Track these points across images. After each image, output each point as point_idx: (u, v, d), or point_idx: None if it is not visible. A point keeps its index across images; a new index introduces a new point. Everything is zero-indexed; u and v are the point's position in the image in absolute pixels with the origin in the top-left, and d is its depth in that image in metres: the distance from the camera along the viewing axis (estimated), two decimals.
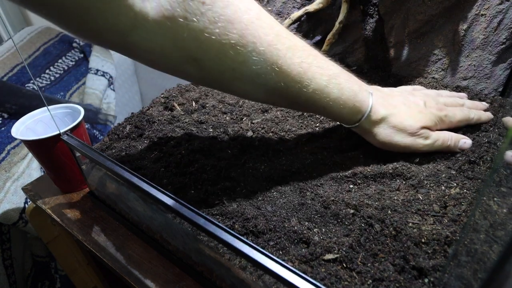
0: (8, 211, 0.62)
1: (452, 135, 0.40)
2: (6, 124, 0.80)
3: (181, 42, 0.29)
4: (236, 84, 0.34)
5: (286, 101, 0.37)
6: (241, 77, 0.33)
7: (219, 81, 0.34)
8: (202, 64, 0.31)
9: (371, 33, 0.58)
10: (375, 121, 0.38)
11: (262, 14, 0.32)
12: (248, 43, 0.31)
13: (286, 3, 0.66)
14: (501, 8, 0.46)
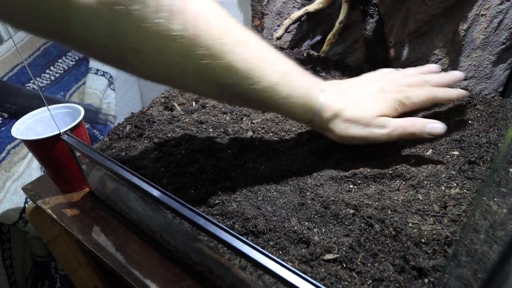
0: (8, 211, 0.62)
1: (416, 120, 0.37)
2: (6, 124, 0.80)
3: (121, 32, 0.28)
4: (182, 78, 0.33)
5: (236, 98, 0.36)
6: (185, 71, 0.32)
7: (163, 76, 0.33)
8: (143, 56, 0.30)
9: (371, 33, 0.58)
10: (329, 117, 0.37)
11: (210, 6, 0.31)
12: (191, 36, 0.29)
13: (286, 3, 0.66)
14: (501, 8, 0.46)
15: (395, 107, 0.38)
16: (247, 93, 0.34)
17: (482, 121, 0.44)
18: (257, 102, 0.36)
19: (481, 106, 0.48)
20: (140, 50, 0.30)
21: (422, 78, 0.42)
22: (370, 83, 0.41)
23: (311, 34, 0.66)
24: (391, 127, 0.37)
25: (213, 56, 0.31)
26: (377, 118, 0.37)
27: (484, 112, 0.46)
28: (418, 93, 0.39)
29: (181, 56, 0.30)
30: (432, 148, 0.41)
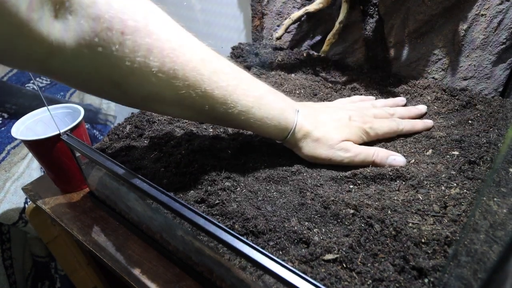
0: (8, 211, 0.62)
1: (379, 151, 0.40)
2: (6, 124, 0.80)
3: (101, 68, 0.30)
4: (163, 107, 0.35)
5: (215, 121, 0.39)
6: (166, 101, 0.34)
7: (144, 105, 0.35)
8: (124, 88, 0.32)
9: (371, 33, 0.58)
10: (300, 137, 0.40)
11: (185, 40, 0.33)
12: (169, 70, 0.31)
13: (286, 3, 0.66)
14: (501, 8, 0.46)
15: (360, 135, 0.42)
16: (224, 117, 0.36)
17: (482, 121, 0.44)
18: (234, 124, 0.39)
19: (481, 106, 0.48)
20: (121, 83, 0.31)
21: (388, 111, 0.46)
22: (340, 110, 0.44)
23: (311, 34, 0.66)
24: (354, 153, 0.40)
25: (190, 86, 0.33)
26: (342, 142, 0.40)
27: (484, 112, 0.46)
28: (383, 125, 0.44)
29: (160, 87, 0.32)
30: (432, 148, 0.41)
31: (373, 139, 0.43)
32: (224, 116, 0.36)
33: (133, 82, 0.31)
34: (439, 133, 0.43)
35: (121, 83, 0.31)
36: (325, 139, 0.40)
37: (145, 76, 0.31)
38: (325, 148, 0.40)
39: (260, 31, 0.73)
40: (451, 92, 0.51)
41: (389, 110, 0.47)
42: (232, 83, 0.35)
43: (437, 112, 0.49)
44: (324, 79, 0.60)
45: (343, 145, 0.40)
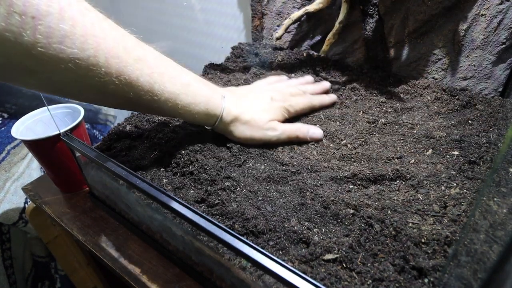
0: (8, 211, 0.62)
1: (300, 126, 0.45)
2: (6, 124, 0.80)
3: (13, 56, 0.28)
4: (84, 94, 0.34)
5: (141, 108, 0.39)
6: (86, 88, 0.33)
7: (63, 92, 0.34)
8: (41, 76, 0.31)
9: (371, 33, 0.58)
10: (229, 121, 0.42)
11: (106, 25, 0.32)
12: (89, 57, 0.31)
13: (286, 3, 0.66)
14: (501, 8, 0.46)
15: (282, 113, 0.46)
16: (150, 104, 0.37)
17: (482, 121, 0.44)
18: (161, 111, 0.39)
19: (481, 106, 0.48)
20: (36, 70, 0.30)
21: (301, 89, 0.51)
22: (262, 93, 0.47)
23: (311, 34, 0.66)
24: (280, 130, 0.44)
25: (113, 73, 0.32)
26: (269, 122, 0.44)
27: (484, 112, 0.46)
28: (299, 102, 0.48)
29: (78, 75, 0.31)
30: (432, 148, 0.41)
31: (292, 116, 0.48)
32: (151, 104, 0.36)
33: (49, 69, 0.30)
34: (439, 133, 0.43)
35: (36, 70, 0.30)
36: (254, 121, 0.43)
37: (63, 62, 0.30)
38: (255, 129, 0.43)
39: (260, 31, 0.73)
40: (451, 92, 0.51)
41: (302, 87, 0.52)
42: (158, 71, 0.36)
43: (437, 112, 0.49)
44: (324, 79, 0.60)
45: (271, 125, 0.44)
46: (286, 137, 0.44)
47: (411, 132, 0.45)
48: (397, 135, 0.44)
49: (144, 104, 0.36)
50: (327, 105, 0.52)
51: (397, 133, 0.45)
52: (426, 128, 0.45)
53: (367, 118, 0.48)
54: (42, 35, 0.28)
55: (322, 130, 0.46)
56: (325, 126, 0.47)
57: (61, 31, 0.29)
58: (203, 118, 0.41)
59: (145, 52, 0.35)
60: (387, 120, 0.47)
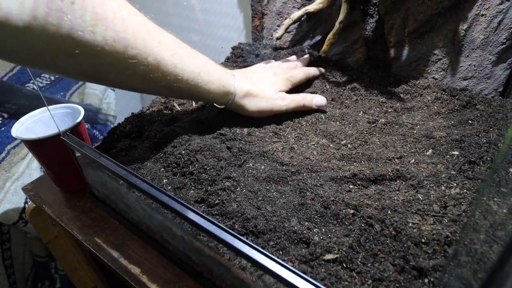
0: (8, 211, 0.62)
1: (306, 95, 0.50)
2: (6, 124, 0.80)
3: (54, 41, 0.30)
4: (116, 77, 0.37)
5: (163, 90, 0.41)
6: (119, 70, 0.35)
7: (98, 76, 0.36)
8: (79, 59, 0.33)
9: (371, 33, 0.58)
10: (242, 96, 0.45)
11: (132, 12, 0.35)
12: (123, 39, 0.33)
13: (286, 3, 0.66)
14: (501, 8, 0.46)
15: (286, 84, 0.51)
16: (172, 84, 0.39)
17: (482, 121, 0.44)
18: (181, 91, 0.41)
19: (481, 106, 0.48)
20: (75, 54, 0.32)
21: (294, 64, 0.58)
22: (264, 70, 0.53)
23: (311, 34, 0.66)
24: (289, 99, 0.48)
25: (143, 55, 0.35)
26: (278, 93, 0.48)
27: (484, 112, 0.46)
28: (298, 73, 0.54)
29: (112, 57, 0.34)
30: (432, 148, 0.41)
31: (294, 86, 0.53)
32: (173, 83, 0.39)
33: (86, 52, 0.32)
34: (439, 133, 0.43)
35: (75, 54, 0.32)
36: (264, 93, 0.47)
37: (99, 45, 0.32)
38: (266, 101, 0.47)
39: (260, 31, 0.73)
40: (451, 92, 0.51)
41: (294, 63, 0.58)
42: (178, 52, 0.39)
43: (437, 112, 0.49)
44: (324, 79, 0.60)
45: (280, 95, 0.48)
46: (294, 105, 0.48)
47: (411, 132, 0.45)
48: (397, 135, 0.44)
49: (169, 84, 0.39)
50: (318, 75, 0.59)
51: (397, 133, 0.45)
52: (426, 128, 0.45)
53: (367, 118, 0.48)
54: (81, 19, 0.30)
55: (322, 130, 0.46)
56: (325, 126, 0.47)
57: (96, 15, 0.31)
58: (219, 95, 0.44)
59: (164, 35, 0.38)
60: (387, 120, 0.47)
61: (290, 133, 0.46)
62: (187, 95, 0.43)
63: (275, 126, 0.47)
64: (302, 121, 0.48)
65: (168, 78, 0.38)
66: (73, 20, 0.30)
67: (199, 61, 0.41)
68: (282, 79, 0.50)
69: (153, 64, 0.36)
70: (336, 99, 0.54)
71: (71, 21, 0.30)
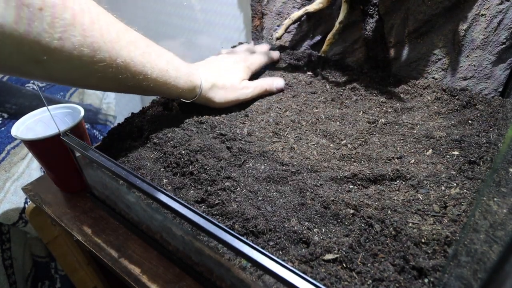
0: (8, 211, 0.62)
1: (265, 80, 0.54)
2: (6, 124, 0.80)
3: (20, 46, 0.30)
4: (85, 80, 0.37)
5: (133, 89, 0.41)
6: (89, 74, 0.35)
7: (67, 80, 0.36)
8: (47, 65, 0.32)
9: (371, 33, 0.58)
10: (209, 88, 0.47)
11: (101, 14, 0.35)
12: (91, 43, 0.33)
13: (286, 3, 0.66)
14: (501, 8, 0.46)
15: (247, 72, 0.53)
16: (142, 83, 0.40)
17: (482, 121, 0.44)
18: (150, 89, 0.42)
19: (481, 106, 0.48)
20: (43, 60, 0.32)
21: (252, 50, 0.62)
22: (224, 60, 0.54)
23: (311, 34, 0.66)
24: (252, 87, 0.52)
25: (112, 57, 0.35)
26: (241, 82, 0.51)
27: (484, 112, 0.46)
28: (256, 59, 0.57)
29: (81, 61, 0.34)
30: (432, 148, 0.41)
31: (253, 72, 0.56)
32: (143, 82, 0.40)
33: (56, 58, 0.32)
34: (439, 133, 0.43)
35: (43, 60, 0.31)
36: (230, 84, 0.49)
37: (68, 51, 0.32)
38: (233, 91, 0.49)
39: (260, 31, 0.73)
40: (451, 92, 0.51)
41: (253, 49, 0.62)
42: (147, 50, 0.39)
43: (437, 112, 0.49)
44: (324, 79, 0.60)
45: (244, 84, 0.51)
46: (258, 91, 0.52)
47: (411, 132, 0.45)
48: (397, 135, 0.44)
49: (138, 83, 0.39)
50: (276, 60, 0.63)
51: (397, 133, 0.45)
52: (426, 128, 0.45)
53: (367, 118, 0.48)
54: (49, 26, 0.30)
55: (322, 130, 0.46)
56: (325, 126, 0.47)
57: (65, 21, 0.31)
58: (187, 90, 0.45)
59: (132, 35, 0.38)
60: (387, 120, 0.47)
61: (290, 133, 0.46)
62: (156, 92, 0.43)
63: (275, 126, 0.47)
64: (302, 121, 0.48)
65: (137, 78, 0.39)
66: (40, 27, 0.29)
67: (166, 58, 0.42)
68: (243, 67, 0.53)
69: (122, 66, 0.36)
70: (336, 99, 0.54)
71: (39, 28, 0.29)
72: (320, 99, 0.54)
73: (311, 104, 0.52)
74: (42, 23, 0.29)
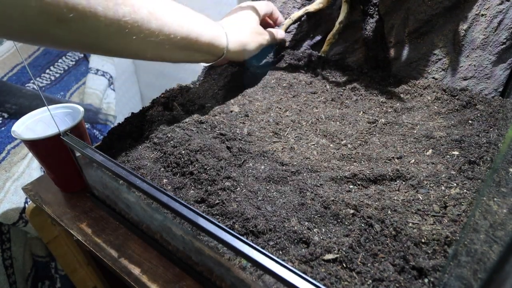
0: (8, 211, 0.62)
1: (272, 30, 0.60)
2: (6, 124, 0.80)
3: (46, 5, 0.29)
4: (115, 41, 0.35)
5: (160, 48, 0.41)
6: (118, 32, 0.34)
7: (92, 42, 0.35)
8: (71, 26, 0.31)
9: (371, 33, 0.58)
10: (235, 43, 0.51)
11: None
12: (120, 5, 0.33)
13: (286, 3, 0.66)
14: (501, 8, 0.46)
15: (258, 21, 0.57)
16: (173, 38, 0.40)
17: (482, 121, 0.44)
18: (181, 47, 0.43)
19: (481, 106, 0.48)
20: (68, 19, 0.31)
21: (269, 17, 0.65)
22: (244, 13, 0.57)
23: (311, 34, 0.66)
24: (266, 33, 0.58)
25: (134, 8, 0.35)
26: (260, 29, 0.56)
27: (484, 112, 0.46)
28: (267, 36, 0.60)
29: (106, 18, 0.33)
30: (432, 148, 0.41)
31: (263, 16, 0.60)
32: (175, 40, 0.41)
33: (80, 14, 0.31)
34: (439, 133, 0.43)
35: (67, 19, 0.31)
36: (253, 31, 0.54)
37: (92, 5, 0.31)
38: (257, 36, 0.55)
39: None
40: (451, 92, 0.51)
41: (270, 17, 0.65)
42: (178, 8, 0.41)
43: (437, 112, 0.49)
44: (324, 79, 0.60)
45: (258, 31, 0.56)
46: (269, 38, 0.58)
47: (411, 132, 0.45)
48: (397, 135, 0.44)
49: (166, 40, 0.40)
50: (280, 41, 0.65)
51: (397, 133, 0.45)
52: (426, 128, 0.45)
53: (367, 118, 0.48)
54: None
55: (322, 130, 0.46)
56: (325, 126, 0.47)
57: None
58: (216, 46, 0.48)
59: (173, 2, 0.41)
60: (387, 120, 0.47)
61: (290, 133, 0.46)
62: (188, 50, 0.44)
63: (275, 126, 0.47)
64: (302, 121, 0.48)
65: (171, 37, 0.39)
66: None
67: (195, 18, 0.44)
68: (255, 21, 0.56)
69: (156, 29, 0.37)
70: (336, 99, 0.54)
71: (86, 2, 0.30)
72: (320, 99, 0.54)
73: (311, 104, 0.52)
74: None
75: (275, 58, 0.65)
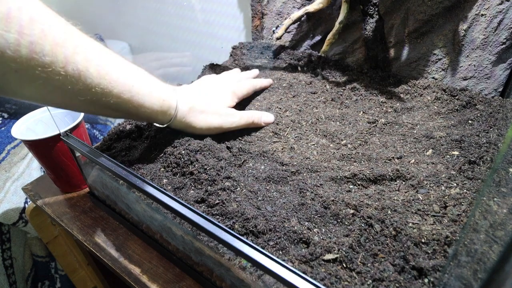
0: (8, 211, 0.62)
1: (253, 113, 0.46)
2: (6, 124, 0.80)
3: None
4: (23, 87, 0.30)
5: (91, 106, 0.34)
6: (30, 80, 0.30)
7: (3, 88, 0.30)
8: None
9: (371, 33, 0.58)
10: (187, 111, 0.41)
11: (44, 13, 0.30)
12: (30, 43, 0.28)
13: (286, 3, 0.66)
14: (501, 8, 0.46)
15: (232, 98, 0.47)
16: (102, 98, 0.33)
17: (482, 121, 0.44)
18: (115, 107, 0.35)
19: (481, 106, 0.48)
20: None
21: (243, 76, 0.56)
22: (208, 83, 0.49)
23: (311, 34, 0.66)
24: (238, 116, 0.45)
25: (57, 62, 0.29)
26: (226, 109, 0.45)
27: (484, 112, 0.46)
28: (244, 85, 0.51)
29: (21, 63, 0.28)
30: (432, 148, 0.41)
31: (241, 98, 0.50)
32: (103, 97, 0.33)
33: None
34: (439, 133, 0.43)
35: None
36: (212, 109, 0.43)
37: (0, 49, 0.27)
38: (215, 116, 0.43)
39: (260, 31, 0.73)
40: (451, 92, 0.51)
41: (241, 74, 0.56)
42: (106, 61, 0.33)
43: (437, 112, 0.49)
44: (324, 79, 0.60)
45: (228, 111, 0.44)
46: (244, 122, 0.45)
47: (411, 132, 0.45)
48: (397, 135, 0.44)
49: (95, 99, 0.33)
50: (266, 87, 0.56)
51: (397, 133, 0.45)
52: (426, 128, 0.45)
53: (367, 118, 0.48)
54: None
55: (322, 130, 0.46)
56: (325, 126, 0.47)
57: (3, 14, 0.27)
58: (160, 112, 0.38)
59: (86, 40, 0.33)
60: (387, 120, 0.47)
61: (290, 133, 0.46)
62: (122, 111, 0.36)
63: (275, 126, 0.47)
64: (302, 121, 0.48)
65: (94, 91, 0.32)
66: None
67: (133, 72, 0.36)
68: (229, 92, 0.47)
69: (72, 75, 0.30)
70: (336, 99, 0.54)
71: None
72: (320, 99, 0.54)
73: (311, 104, 0.52)
74: None
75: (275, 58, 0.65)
